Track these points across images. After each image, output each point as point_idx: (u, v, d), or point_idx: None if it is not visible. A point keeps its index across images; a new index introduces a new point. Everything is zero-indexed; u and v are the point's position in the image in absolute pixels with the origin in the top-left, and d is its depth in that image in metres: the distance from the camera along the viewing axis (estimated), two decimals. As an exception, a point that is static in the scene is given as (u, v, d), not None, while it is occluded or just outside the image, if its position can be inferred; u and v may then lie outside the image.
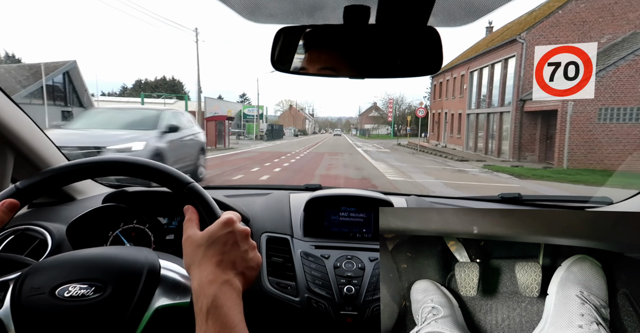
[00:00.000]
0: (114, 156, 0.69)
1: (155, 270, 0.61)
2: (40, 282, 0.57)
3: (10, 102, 1.03)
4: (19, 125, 1.05)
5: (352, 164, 14.44)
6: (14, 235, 1.02)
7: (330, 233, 1.17)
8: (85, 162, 0.68)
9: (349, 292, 0.99)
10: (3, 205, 0.59)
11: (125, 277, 0.59)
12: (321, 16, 0.87)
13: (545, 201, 1.51)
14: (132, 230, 1.06)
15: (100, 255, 0.64)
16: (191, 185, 0.68)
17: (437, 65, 0.80)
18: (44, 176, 0.65)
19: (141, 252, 0.64)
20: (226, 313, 0.51)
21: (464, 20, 0.88)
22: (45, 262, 0.62)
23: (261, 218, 1.19)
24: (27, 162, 1.11)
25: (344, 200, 1.20)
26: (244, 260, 0.59)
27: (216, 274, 0.54)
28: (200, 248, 0.57)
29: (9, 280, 0.59)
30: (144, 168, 0.68)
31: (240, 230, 0.60)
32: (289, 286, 1.03)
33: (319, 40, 0.86)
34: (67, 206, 1.28)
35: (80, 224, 1.00)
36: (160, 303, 0.59)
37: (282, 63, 0.86)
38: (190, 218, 0.64)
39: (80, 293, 0.56)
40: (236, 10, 0.81)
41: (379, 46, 0.83)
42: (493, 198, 1.51)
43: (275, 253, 1.09)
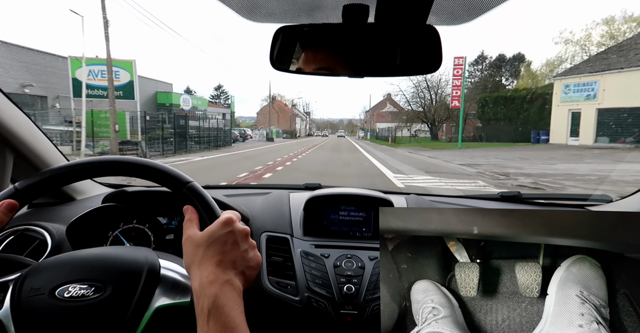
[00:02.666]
0: (112, 156, 0.69)
1: (155, 270, 0.61)
2: (40, 283, 0.57)
3: (9, 103, 1.02)
4: (18, 125, 1.05)
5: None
6: (14, 236, 1.02)
7: (330, 233, 1.17)
8: (84, 162, 0.68)
9: (348, 291, 0.99)
10: (2, 205, 0.59)
11: (125, 277, 0.59)
12: (320, 15, 0.86)
13: (544, 199, 1.51)
14: (131, 230, 1.06)
15: (100, 255, 0.64)
16: (190, 184, 0.68)
17: (437, 63, 0.80)
18: (43, 176, 0.65)
19: (141, 252, 0.65)
20: (227, 313, 0.51)
21: (464, 19, 0.87)
22: (45, 262, 0.62)
23: (261, 218, 1.19)
24: (26, 163, 1.11)
25: (344, 199, 1.20)
26: (244, 260, 0.59)
27: (217, 274, 0.55)
28: (200, 248, 0.57)
29: (9, 280, 0.59)
30: (143, 168, 0.68)
31: (240, 230, 0.60)
32: (289, 285, 1.03)
33: (318, 39, 0.86)
34: (67, 206, 1.28)
35: (80, 224, 1.00)
36: (160, 303, 0.59)
37: (281, 62, 0.86)
38: (190, 218, 0.64)
39: (80, 294, 0.56)
40: (234, 9, 0.80)
41: (378, 45, 0.83)
42: (492, 196, 1.52)
43: (275, 253, 1.09)
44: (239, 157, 16.77)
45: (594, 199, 1.43)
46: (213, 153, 18.82)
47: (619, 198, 1.34)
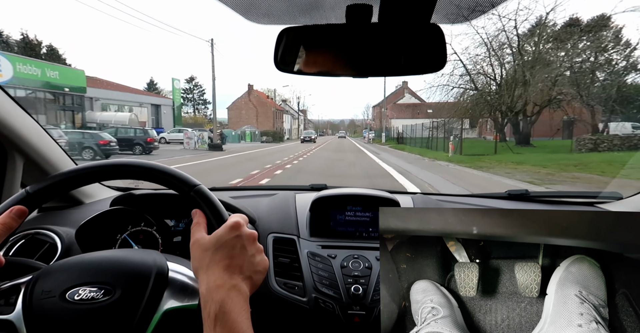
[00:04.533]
0: (121, 160, 0.70)
1: (164, 273, 0.62)
2: (51, 286, 0.59)
3: (18, 108, 1.05)
4: (27, 130, 1.07)
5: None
6: (25, 240, 1.04)
7: (336, 233, 1.17)
8: (93, 166, 0.69)
9: (356, 292, 0.99)
10: (12, 211, 0.61)
11: (134, 280, 0.60)
12: (320, 15, 0.86)
13: (553, 197, 1.49)
14: (139, 233, 1.07)
15: (109, 258, 0.65)
16: (198, 187, 0.68)
17: (442, 62, 0.80)
18: (53, 180, 0.66)
19: (149, 255, 0.65)
20: (234, 319, 0.51)
21: (469, 17, 0.87)
22: (55, 265, 0.64)
23: (267, 219, 1.20)
24: (35, 167, 1.13)
25: (350, 199, 1.20)
26: (251, 264, 0.59)
27: (224, 279, 0.55)
28: (208, 253, 0.57)
29: (21, 283, 0.60)
30: (150, 172, 0.69)
31: (248, 234, 0.60)
32: (296, 286, 1.03)
33: (322, 40, 0.86)
34: (76, 210, 1.30)
35: (89, 228, 1.02)
36: (168, 306, 0.59)
37: (286, 64, 0.86)
38: (197, 222, 0.64)
39: (90, 296, 0.58)
40: (231, 6, 0.80)
41: (382, 45, 0.83)
42: (500, 195, 1.50)
43: (282, 254, 1.09)
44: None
45: (604, 196, 1.40)
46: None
47: (629, 195, 1.32)
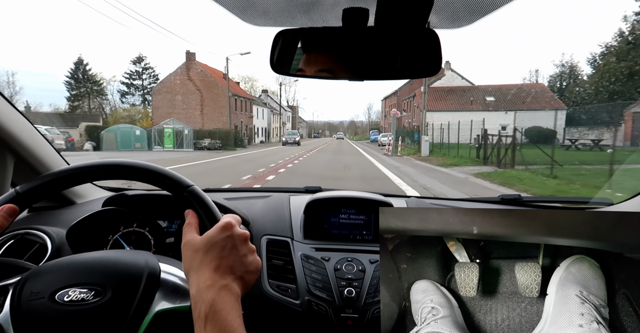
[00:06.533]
0: (114, 160, 0.69)
1: (156, 274, 0.61)
2: (40, 287, 0.57)
3: (10, 107, 1.03)
4: (19, 129, 1.05)
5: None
6: (14, 240, 1.03)
7: (330, 236, 1.17)
8: (84, 166, 0.68)
9: (349, 295, 0.99)
10: (2, 210, 0.59)
11: (125, 281, 0.59)
12: (317, 15, 0.86)
13: (545, 202, 1.51)
14: (132, 234, 1.06)
15: (100, 259, 0.64)
16: (191, 188, 0.68)
17: (437, 66, 0.80)
18: (44, 180, 0.65)
19: (141, 256, 0.64)
20: (225, 318, 0.51)
21: (465, 22, 0.87)
22: (45, 266, 0.62)
23: (261, 221, 1.19)
24: (26, 166, 1.11)
25: (344, 202, 1.19)
26: (243, 264, 0.58)
27: (214, 279, 0.54)
28: (199, 253, 0.57)
29: (9, 284, 0.59)
30: (143, 172, 0.68)
31: (239, 234, 0.60)
32: (290, 289, 1.02)
33: (318, 42, 0.86)
34: (67, 210, 1.28)
35: (80, 228, 1.00)
36: (160, 307, 0.59)
37: (282, 65, 0.86)
38: (189, 222, 0.64)
39: (80, 298, 0.56)
40: (227, 8, 0.80)
41: (378, 48, 0.83)
42: (493, 199, 1.51)
43: (275, 256, 1.08)
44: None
45: (595, 202, 1.41)
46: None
47: (619, 201, 1.33)
